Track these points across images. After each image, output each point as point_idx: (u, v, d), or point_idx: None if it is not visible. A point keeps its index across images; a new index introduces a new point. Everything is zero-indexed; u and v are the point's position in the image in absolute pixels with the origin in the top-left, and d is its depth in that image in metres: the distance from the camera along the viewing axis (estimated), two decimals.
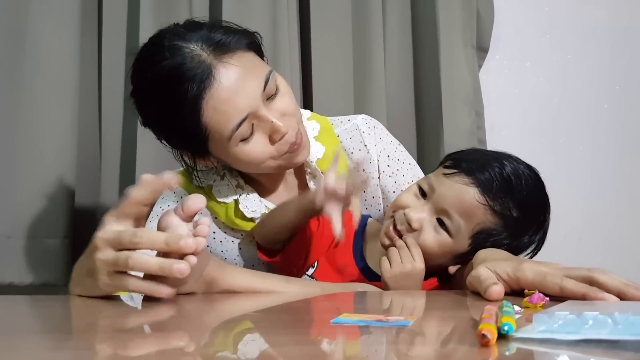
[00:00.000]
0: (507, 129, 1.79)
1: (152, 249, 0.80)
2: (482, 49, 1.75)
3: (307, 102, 1.65)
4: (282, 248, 1.12)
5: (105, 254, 0.80)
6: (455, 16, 1.68)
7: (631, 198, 1.82)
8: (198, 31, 1.06)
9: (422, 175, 1.26)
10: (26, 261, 1.49)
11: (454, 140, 1.65)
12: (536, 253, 1.06)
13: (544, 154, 1.76)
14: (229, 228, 1.20)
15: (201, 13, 1.53)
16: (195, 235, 0.80)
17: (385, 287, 1.00)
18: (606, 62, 1.82)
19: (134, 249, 0.79)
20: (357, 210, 1.09)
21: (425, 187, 1.04)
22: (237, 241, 1.21)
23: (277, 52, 1.56)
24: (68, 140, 1.51)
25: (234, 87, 1.03)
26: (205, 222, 0.81)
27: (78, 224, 1.51)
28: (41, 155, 1.50)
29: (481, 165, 1.01)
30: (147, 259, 0.79)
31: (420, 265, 0.99)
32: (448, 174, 1.03)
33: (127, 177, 1.57)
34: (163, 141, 1.13)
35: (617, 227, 1.80)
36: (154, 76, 1.04)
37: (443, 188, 1.02)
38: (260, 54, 1.13)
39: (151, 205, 0.84)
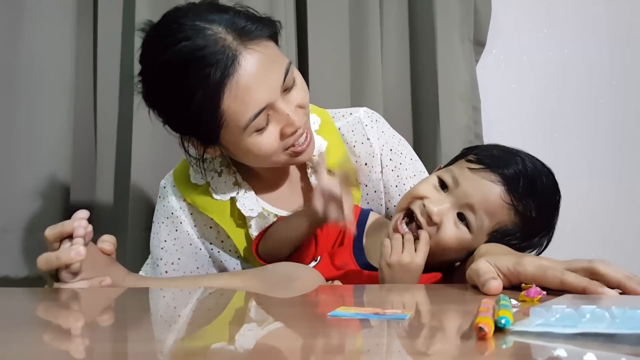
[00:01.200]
0: (504, 124, 1.79)
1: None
2: (479, 44, 1.75)
3: None
4: (285, 259, 1.09)
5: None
6: (452, 10, 1.68)
7: (629, 193, 1.82)
8: (221, 14, 1.01)
9: (424, 170, 1.26)
10: (22, 255, 1.49)
11: (450, 135, 1.65)
12: (540, 254, 1.05)
13: (541, 149, 1.73)
14: (225, 236, 1.17)
15: None
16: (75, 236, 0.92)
17: (380, 273, 0.98)
18: (604, 57, 1.83)
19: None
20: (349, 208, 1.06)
21: (448, 180, 1.01)
22: (233, 251, 1.19)
23: None
24: (64, 134, 1.51)
25: (257, 77, 0.99)
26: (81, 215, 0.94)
27: None
28: (37, 149, 1.50)
29: (506, 162, 1.00)
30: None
31: (419, 261, 0.96)
32: (474, 168, 1.00)
33: (123, 172, 1.57)
34: (166, 126, 1.08)
35: (615, 223, 1.81)
36: (169, 57, 0.98)
37: (469, 183, 0.99)
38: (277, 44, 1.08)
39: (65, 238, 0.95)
